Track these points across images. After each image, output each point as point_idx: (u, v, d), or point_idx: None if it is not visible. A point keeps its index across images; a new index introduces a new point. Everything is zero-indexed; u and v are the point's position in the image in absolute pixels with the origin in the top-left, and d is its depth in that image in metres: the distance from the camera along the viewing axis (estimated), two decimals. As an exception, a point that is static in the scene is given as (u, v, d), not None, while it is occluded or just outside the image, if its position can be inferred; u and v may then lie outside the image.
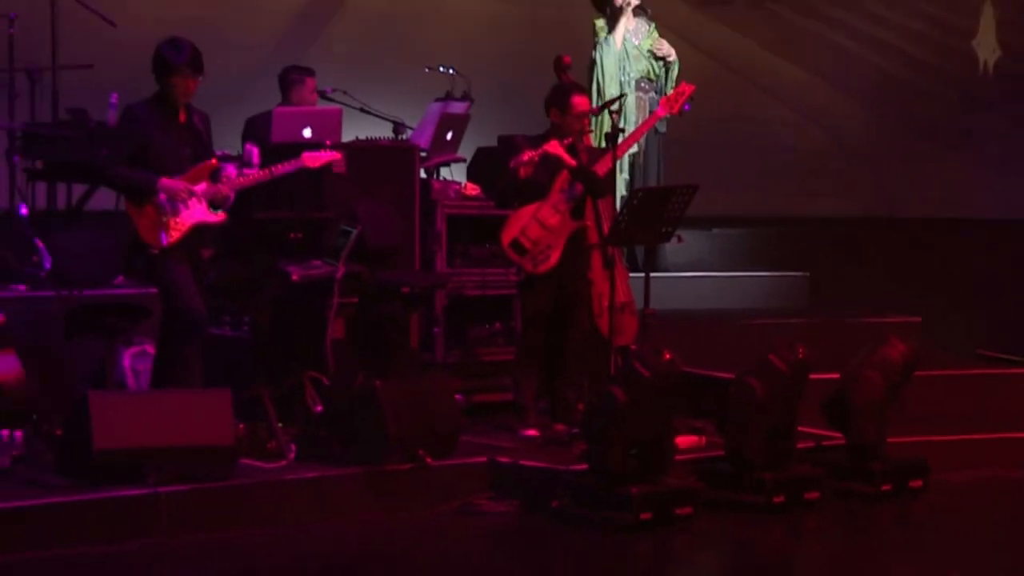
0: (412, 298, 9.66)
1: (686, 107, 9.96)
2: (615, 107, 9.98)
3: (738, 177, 14.78)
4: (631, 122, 11.23)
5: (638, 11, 11.84)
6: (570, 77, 9.69)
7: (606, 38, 11.71)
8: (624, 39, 11.76)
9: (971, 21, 16.94)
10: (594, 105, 10.80)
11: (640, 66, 11.70)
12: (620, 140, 9.40)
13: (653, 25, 11.89)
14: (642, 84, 11.68)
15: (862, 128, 16.25)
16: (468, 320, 10.32)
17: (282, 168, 8.54)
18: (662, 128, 11.70)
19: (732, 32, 15.77)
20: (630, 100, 11.53)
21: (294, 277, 8.86)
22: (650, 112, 11.21)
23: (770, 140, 15.54)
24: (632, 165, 11.84)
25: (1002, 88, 16.71)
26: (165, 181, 8.01)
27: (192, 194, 8.09)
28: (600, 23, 11.81)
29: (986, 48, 17.01)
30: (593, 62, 11.74)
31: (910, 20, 16.92)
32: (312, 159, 8.60)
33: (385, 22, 13.65)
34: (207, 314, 8.35)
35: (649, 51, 11.78)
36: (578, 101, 9.25)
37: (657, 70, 11.76)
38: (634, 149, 11.59)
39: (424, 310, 9.99)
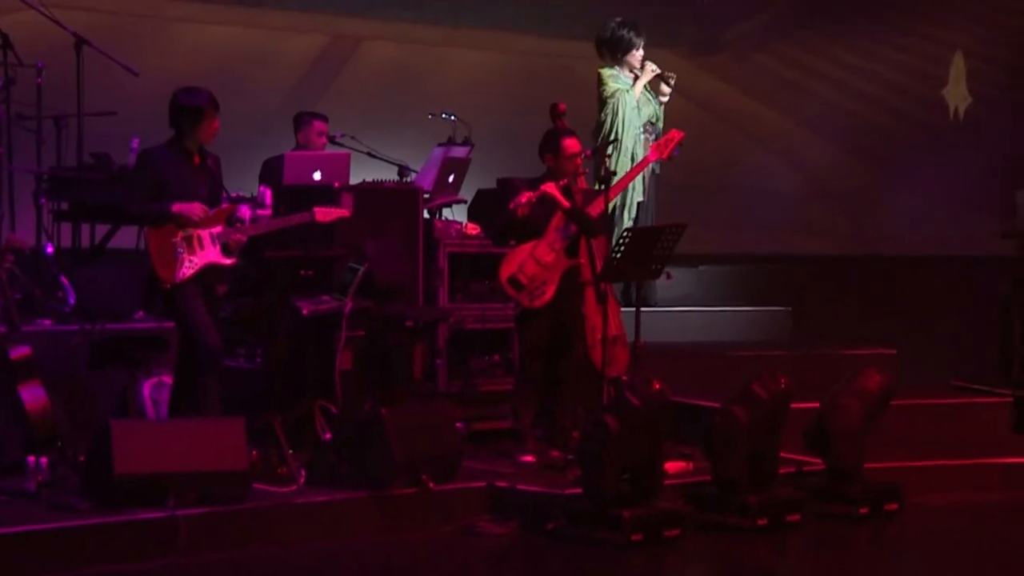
0: (416, 331, 9.70)
1: (675, 152, 10.00)
2: (608, 151, 10.05)
3: (724, 218, 14.82)
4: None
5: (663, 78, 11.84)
6: (565, 123, 9.72)
7: (628, 91, 11.66)
8: (643, 93, 11.78)
9: (942, 71, 16.99)
10: (613, 159, 10.98)
11: (648, 111, 11.71)
12: (614, 182, 9.49)
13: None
14: (646, 127, 11.68)
15: (841, 171, 16.29)
16: (469, 352, 10.34)
17: (294, 220, 8.66)
18: (657, 169, 11.71)
19: (720, 82, 15.83)
20: (639, 142, 11.52)
21: (304, 312, 8.90)
22: None
23: (754, 183, 15.57)
24: (639, 209, 11.82)
25: (971, 133, 16.75)
26: (179, 205, 8.06)
27: (205, 214, 8.14)
28: (608, 72, 11.75)
29: (956, 96, 17.06)
30: (615, 113, 11.65)
31: (885, 70, 16.98)
32: (323, 214, 8.67)
33: (392, 71, 13.74)
34: (222, 347, 8.39)
35: (652, 92, 11.80)
36: (569, 144, 9.32)
37: (659, 113, 11.77)
38: (640, 197, 11.67)
39: (427, 342, 10.02)
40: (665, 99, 11.74)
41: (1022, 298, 11.89)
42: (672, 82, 11.72)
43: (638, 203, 11.74)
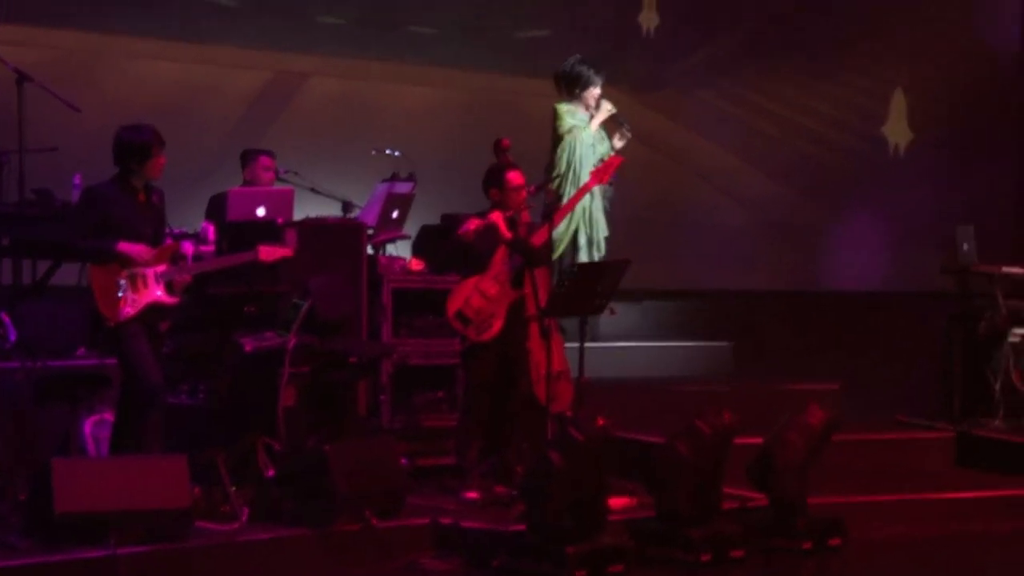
0: (360, 367, 9.69)
1: (614, 178, 10.08)
2: (560, 186, 10.11)
3: (667, 253, 14.86)
4: (598, 195, 11.46)
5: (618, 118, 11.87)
6: (509, 158, 9.74)
7: (584, 128, 11.68)
8: (599, 129, 11.81)
9: (883, 108, 17.10)
10: (565, 193, 11.05)
11: (603, 149, 11.73)
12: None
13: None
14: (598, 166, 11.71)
15: (783, 206, 16.36)
16: (413, 388, 10.33)
17: (238, 259, 8.65)
18: (608, 207, 11.77)
19: (663, 118, 15.89)
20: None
21: (247, 348, 8.87)
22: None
23: (697, 218, 15.64)
24: (606, 244, 11.86)
25: (912, 170, 16.86)
26: (124, 245, 8.03)
27: (150, 256, 8.11)
28: (564, 108, 11.76)
29: (897, 133, 17.17)
30: (571, 149, 11.67)
31: (827, 106, 17.09)
32: (267, 253, 8.64)
33: (336, 107, 13.74)
34: (164, 383, 8.34)
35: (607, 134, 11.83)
36: (513, 177, 9.37)
37: (613, 149, 11.79)
38: (606, 232, 11.71)
39: (371, 378, 10.00)
40: (615, 151, 11.75)
41: (962, 333, 11.95)
42: (628, 136, 11.74)
43: (605, 238, 11.79)
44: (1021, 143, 16.82)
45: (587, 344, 9.38)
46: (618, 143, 11.68)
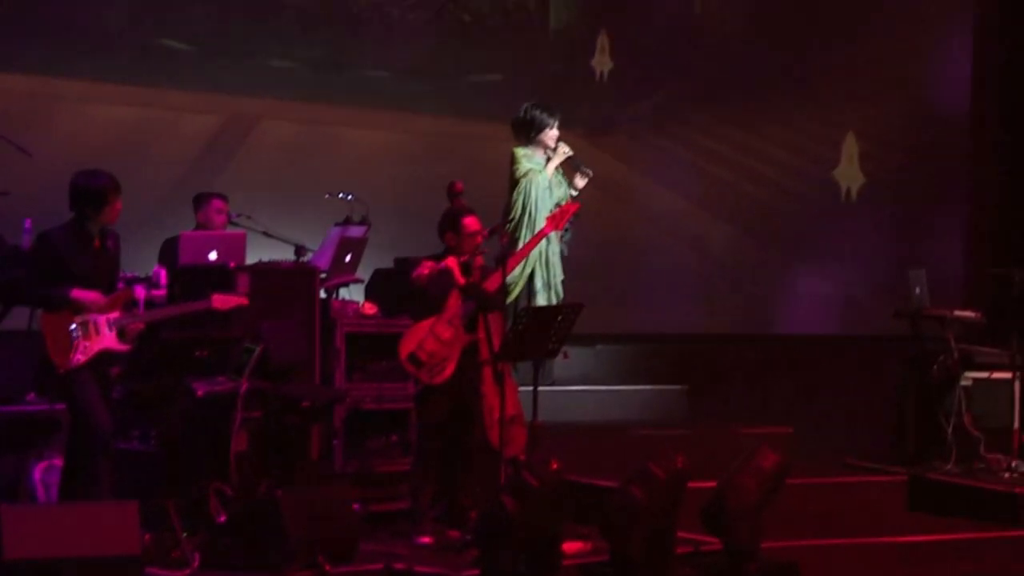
0: (312, 412, 9.64)
1: (571, 223, 10.10)
2: (516, 230, 10.15)
3: (621, 296, 14.88)
4: (554, 240, 11.48)
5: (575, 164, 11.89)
6: (462, 202, 9.77)
7: (540, 172, 11.69)
8: (555, 173, 11.82)
9: (835, 152, 17.21)
10: (521, 238, 11.09)
11: (560, 193, 11.74)
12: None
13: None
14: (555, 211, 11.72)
15: (736, 250, 16.43)
16: (366, 432, 10.30)
17: (192, 307, 8.67)
18: (565, 251, 11.81)
19: (618, 161, 15.94)
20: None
21: (199, 393, 8.85)
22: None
23: (651, 262, 15.67)
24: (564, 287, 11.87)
25: (865, 214, 16.97)
26: (77, 292, 8.01)
27: (102, 303, 8.09)
28: (521, 151, 11.77)
29: (849, 176, 17.27)
30: (526, 193, 11.67)
31: (780, 151, 17.18)
32: (221, 302, 8.64)
33: (289, 151, 13.72)
34: (114, 429, 8.31)
35: (567, 182, 11.84)
36: (469, 222, 9.39)
37: (575, 189, 11.79)
38: (562, 276, 11.73)
39: (324, 423, 9.96)
40: (575, 193, 11.75)
41: (915, 377, 12.01)
42: (588, 175, 11.76)
43: (561, 282, 11.80)
44: (971, 189, 16.96)
45: (541, 388, 9.41)
46: (580, 182, 11.71)
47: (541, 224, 11.16)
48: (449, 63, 14.68)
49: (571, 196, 11.60)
